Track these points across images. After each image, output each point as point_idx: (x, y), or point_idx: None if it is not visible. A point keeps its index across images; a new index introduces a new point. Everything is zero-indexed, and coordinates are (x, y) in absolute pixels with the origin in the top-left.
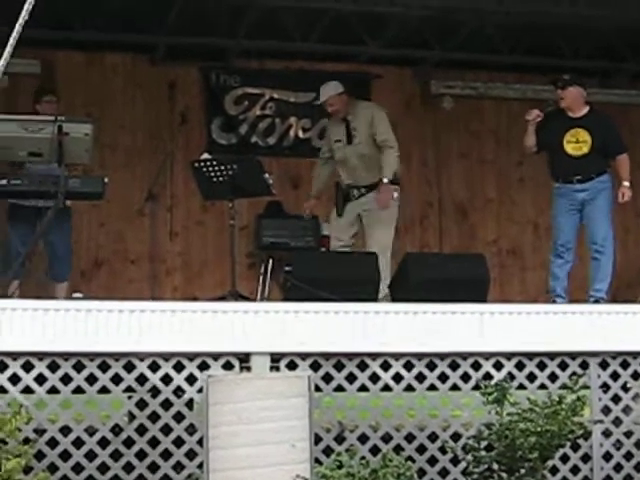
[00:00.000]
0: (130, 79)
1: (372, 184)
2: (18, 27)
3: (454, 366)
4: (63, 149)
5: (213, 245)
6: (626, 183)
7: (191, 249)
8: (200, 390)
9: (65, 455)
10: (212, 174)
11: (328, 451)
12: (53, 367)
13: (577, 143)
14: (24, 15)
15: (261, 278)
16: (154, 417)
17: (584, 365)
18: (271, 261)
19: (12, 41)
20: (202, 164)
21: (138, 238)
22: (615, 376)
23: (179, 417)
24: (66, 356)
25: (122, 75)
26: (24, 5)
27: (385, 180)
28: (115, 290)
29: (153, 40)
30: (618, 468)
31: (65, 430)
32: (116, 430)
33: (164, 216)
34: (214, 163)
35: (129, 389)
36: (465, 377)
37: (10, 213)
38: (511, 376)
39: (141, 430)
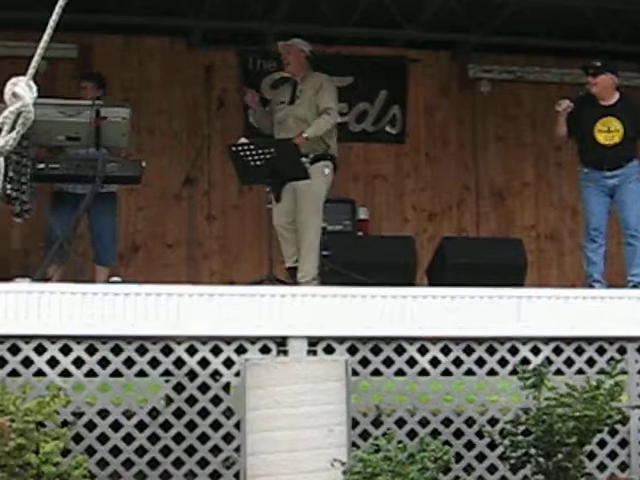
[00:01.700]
0: (167, 63)
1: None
2: (58, 10)
3: (491, 351)
4: (101, 133)
5: (250, 229)
6: None
7: (228, 233)
8: (237, 374)
9: (103, 438)
10: (249, 158)
11: (365, 435)
12: (91, 350)
13: (609, 132)
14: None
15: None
16: (192, 400)
17: (622, 350)
18: None
19: (52, 24)
20: (239, 148)
21: (176, 222)
22: None
23: (216, 401)
24: (104, 339)
25: (159, 59)
26: None
27: (304, 135)
28: (152, 274)
29: (190, 24)
30: None
31: (103, 413)
32: (153, 413)
33: (201, 200)
34: (251, 147)
35: (167, 372)
36: (502, 362)
37: (53, 199)
38: (549, 361)
39: (178, 413)
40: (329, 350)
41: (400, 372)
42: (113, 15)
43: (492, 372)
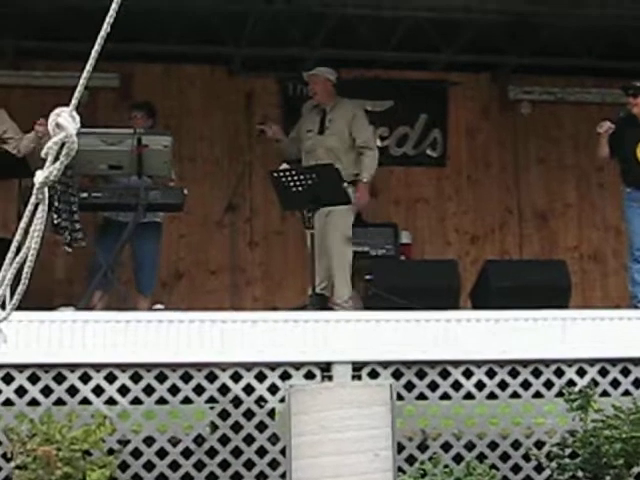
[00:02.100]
0: (208, 90)
1: None
2: (100, 40)
3: (537, 373)
4: (143, 161)
5: (292, 255)
6: None
7: (271, 259)
8: (282, 400)
9: (149, 465)
10: (291, 184)
11: (411, 460)
12: (136, 378)
13: None
14: (105, 28)
15: None
16: (237, 427)
17: None
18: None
19: (94, 54)
20: (281, 174)
21: (218, 249)
22: None
23: (262, 427)
24: (149, 367)
25: (200, 87)
26: (105, 19)
27: (365, 180)
28: (196, 301)
29: (230, 51)
30: None
31: (149, 440)
32: (199, 440)
33: (243, 226)
34: (293, 173)
35: (212, 399)
36: (548, 384)
37: (99, 228)
38: (594, 382)
39: (224, 440)
40: (373, 375)
41: (445, 396)
42: (153, 44)
43: (538, 394)
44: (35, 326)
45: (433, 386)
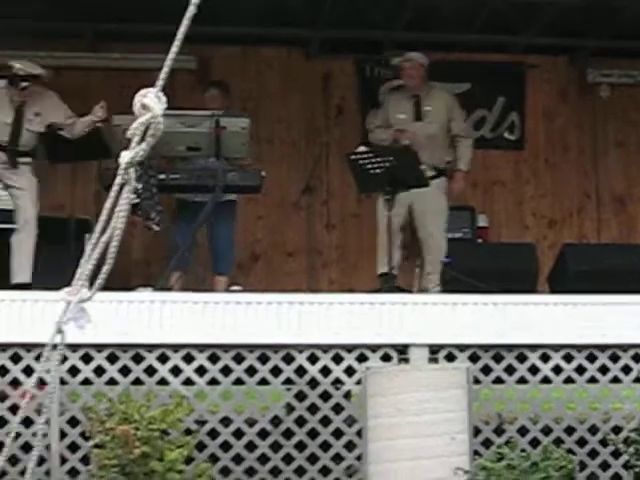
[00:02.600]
0: (285, 73)
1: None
2: (186, 21)
3: (614, 358)
4: (221, 143)
5: (369, 237)
6: None
7: (347, 241)
8: (359, 382)
9: (226, 446)
10: (368, 166)
11: (487, 443)
12: (213, 359)
13: None
14: (192, 9)
15: (417, 270)
16: (313, 409)
17: None
18: None
19: (180, 35)
20: (358, 156)
21: (295, 231)
22: None
23: (338, 409)
24: (226, 348)
25: (277, 69)
26: (189, 1)
27: (464, 169)
28: (272, 283)
29: (308, 34)
30: None
31: (225, 421)
32: (275, 421)
33: (320, 209)
34: (370, 155)
35: (288, 381)
36: (626, 369)
37: (175, 209)
38: None
39: (300, 422)
40: (450, 358)
41: (522, 380)
42: (231, 26)
43: (615, 380)
44: (114, 306)
45: (510, 370)
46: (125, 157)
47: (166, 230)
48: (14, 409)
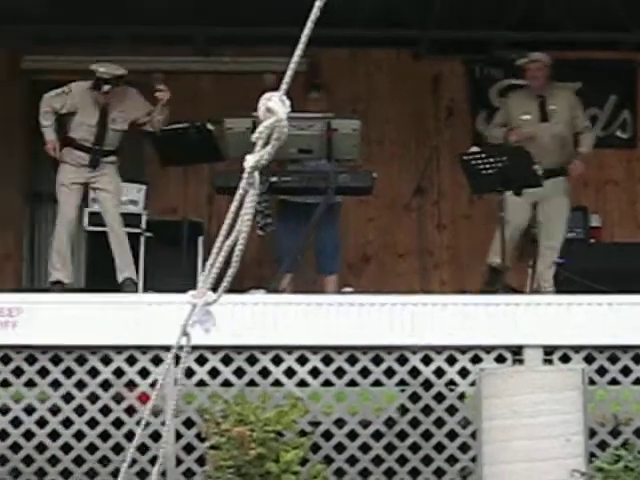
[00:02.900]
0: (394, 74)
1: (556, 169)
2: (310, 24)
3: None
4: (332, 145)
5: (481, 238)
6: None
7: (459, 242)
8: (473, 383)
9: (340, 447)
10: (481, 167)
11: (603, 445)
12: (327, 360)
13: None
14: (315, 12)
15: (530, 270)
16: (427, 410)
17: None
18: None
19: (304, 38)
20: (471, 157)
21: (406, 232)
22: None
23: (452, 410)
24: (340, 350)
25: (386, 70)
26: (313, 4)
27: (584, 151)
28: (384, 284)
29: (416, 34)
30: None
31: (339, 422)
32: (390, 423)
33: (431, 209)
34: (483, 156)
35: (402, 382)
36: None
37: (279, 210)
38: None
39: (414, 423)
40: (565, 359)
41: (638, 381)
42: (340, 28)
43: None
44: (228, 309)
45: (626, 371)
46: (250, 161)
47: (273, 232)
48: (130, 411)
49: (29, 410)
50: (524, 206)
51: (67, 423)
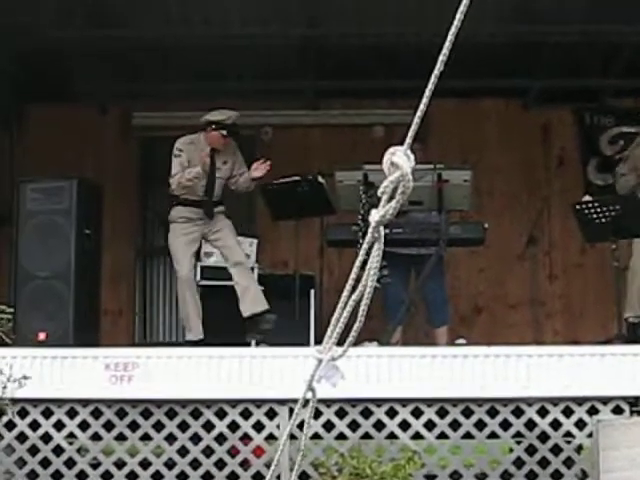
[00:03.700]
0: (504, 124)
1: None
2: (434, 79)
3: None
4: (443, 196)
5: (593, 287)
6: None
7: (571, 292)
8: (590, 435)
9: None
10: (594, 215)
11: None
12: (442, 413)
13: None
14: (439, 67)
15: None
16: (544, 463)
17: None
18: None
19: (428, 93)
20: (584, 206)
21: (518, 282)
22: None
23: (569, 462)
24: (454, 402)
25: (495, 120)
26: (439, 57)
27: None
28: (496, 335)
29: (525, 84)
30: None
31: (455, 475)
32: (506, 476)
33: (543, 259)
34: (596, 205)
35: (518, 434)
36: None
37: (389, 262)
38: None
39: (531, 476)
40: None
41: None
42: (447, 79)
43: None
44: (343, 361)
45: None
46: (375, 215)
47: (385, 284)
48: (244, 464)
49: (144, 464)
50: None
51: (182, 477)
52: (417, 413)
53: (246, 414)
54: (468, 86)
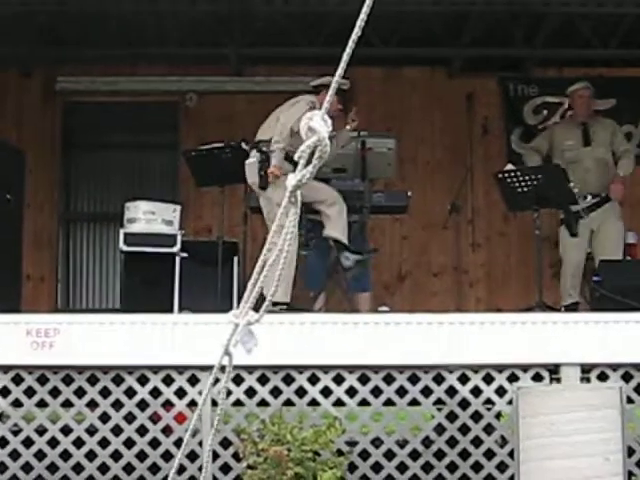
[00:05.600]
0: (428, 92)
1: (601, 197)
2: (351, 44)
3: None
4: (367, 164)
5: (516, 256)
6: None
7: (494, 260)
8: (510, 402)
9: (377, 467)
10: (516, 184)
11: None
12: (363, 379)
13: None
14: (357, 32)
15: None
16: (464, 429)
17: None
18: None
19: (346, 57)
20: (506, 175)
21: (440, 250)
22: None
23: (489, 429)
24: (376, 369)
25: (420, 89)
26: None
27: (620, 173)
28: (419, 303)
29: (450, 53)
30: None
31: (376, 442)
32: (427, 442)
33: (466, 228)
34: (518, 174)
35: (439, 401)
36: None
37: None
38: None
39: (452, 442)
40: (602, 377)
41: None
42: (374, 48)
43: None
44: (264, 328)
45: None
46: (292, 180)
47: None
48: (166, 431)
49: (66, 431)
50: (582, 244)
51: (104, 443)
52: (339, 380)
53: (168, 380)
54: (394, 54)
